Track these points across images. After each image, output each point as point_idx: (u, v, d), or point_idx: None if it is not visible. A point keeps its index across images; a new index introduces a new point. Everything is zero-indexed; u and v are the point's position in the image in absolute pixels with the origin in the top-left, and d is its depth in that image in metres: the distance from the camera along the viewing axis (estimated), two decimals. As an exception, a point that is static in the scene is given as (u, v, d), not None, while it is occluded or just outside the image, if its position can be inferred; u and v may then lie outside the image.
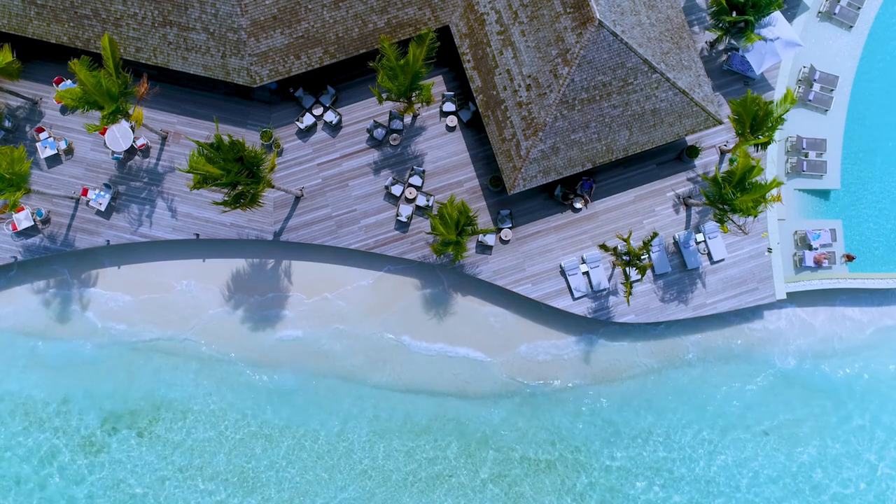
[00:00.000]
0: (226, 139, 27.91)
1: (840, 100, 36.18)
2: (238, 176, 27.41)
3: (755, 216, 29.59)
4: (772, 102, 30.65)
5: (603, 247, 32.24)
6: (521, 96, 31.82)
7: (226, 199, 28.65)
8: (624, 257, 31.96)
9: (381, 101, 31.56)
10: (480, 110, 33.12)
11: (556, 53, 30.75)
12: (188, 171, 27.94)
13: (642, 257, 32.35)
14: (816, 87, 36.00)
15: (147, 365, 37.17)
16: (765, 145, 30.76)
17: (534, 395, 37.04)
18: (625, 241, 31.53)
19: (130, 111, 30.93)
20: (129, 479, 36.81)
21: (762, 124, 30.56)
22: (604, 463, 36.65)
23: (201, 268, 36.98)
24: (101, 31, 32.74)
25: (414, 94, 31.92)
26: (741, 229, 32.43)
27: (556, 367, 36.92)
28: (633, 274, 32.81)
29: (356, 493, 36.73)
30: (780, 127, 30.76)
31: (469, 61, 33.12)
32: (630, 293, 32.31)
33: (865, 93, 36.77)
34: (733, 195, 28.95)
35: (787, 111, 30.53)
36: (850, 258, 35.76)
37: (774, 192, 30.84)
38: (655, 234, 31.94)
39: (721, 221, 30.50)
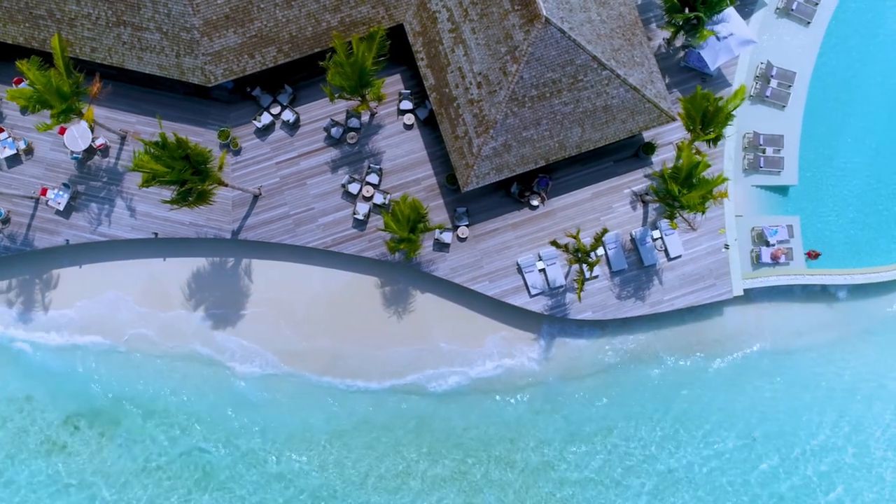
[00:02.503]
0: (171, 137, 28.02)
1: (798, 96, 36.18)
2: (182, 174, 27.52)
3: (703, 212, 29.63)
4: (722, 98, 30.69)
5: (554, 243, 32.29)
6: (472, 94, 31.91)
7: (174, 196, 28.77)
8: (576, 254, 31.98)
9: (332, 99, 31.69)
10: (434, 108, 33.22)
11: (505, 51, 30.83)
12: (133, 170, 28.07)
13: (592, 254, 32.36)
14: (774, 83, 36.02)
15: (109, 364, 37.30)
16: (714, 141, 30.75)
17: (494, 392, 37.07)
18: (574, 238, 31.56)
19: (84, 110, 31.08)
20: (92, 479, 36.92)
21: (713, 120, 30.60)
22: (564, 459, 36.67)
23: (161, 267, 37.10)
24: (57, 32, 32.88)
25: (366, 92, 32.01)
26: (690, 225, 32.44)
27: (517, 365, 36.94)
28: (585, 271, 32.81)
29: (319, 491, 36.81)
30: (730, 123, 30.81)
31: (422, 59, 33.22)
32: (582, 290, 32.36)
33: (824, 89, 36.78)
34: (680, 192, 28.97)
35: (737, 107, 30.59)
36: (813, 255, 35.72)
37: (722, 187, 30.81)
38: (605, 231, 31.96)
39: (671, 217, 30.55)
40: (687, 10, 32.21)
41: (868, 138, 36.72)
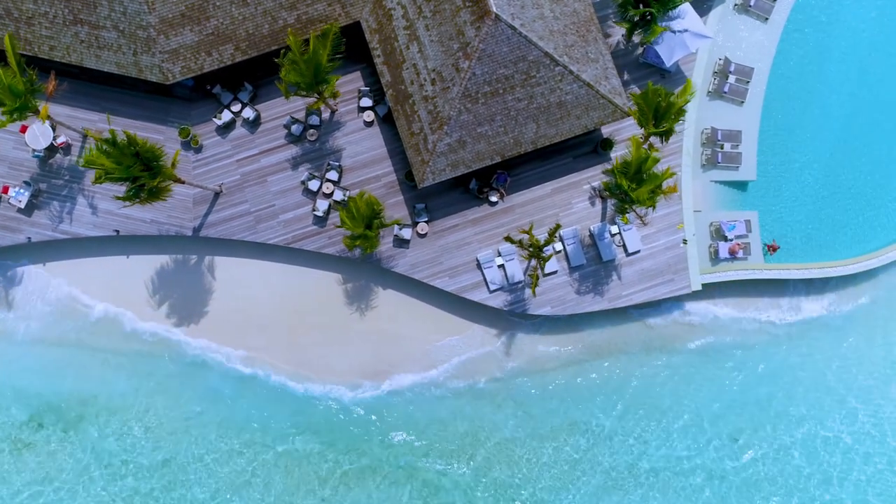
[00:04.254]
0: (121, 135, 28.20)
1: (756, 91, 36.36)
2: (131, 170, 27.70)
3: (653, 207, 29.78)
4: (672, 94, 30.86)
5: (508, 239, 32.47)
6: (426, 90, 32.08)
7: (126, 192, 28.96)
8: (530, 249, 32.15)
9: (287, 96, 31.80)
10: (391, 105, 33.40)
11: (458, 47, 31.01)
12: (84, 166, 28.27)
13: (547, 249, 32.53)
14: (732, 79, 36.19)
15: (74, 361, 37.41)
16: (666, 135, 30.91)
17: (456, 388, 37.21)
18: (527, 233, 31.73)
19: (39, 108, 31.26)
20: (56, 475, 37.09)
21: (665, 116, 30.77)
22: (525, 455, 36.84)
23: (124, 264, 37.25)
24: (15, 31, 33.10)
25: (323, 89, 32.17)
26: (642, 220, 32.57)
27: (478, 360, 37.10)
28: (538, 266, 32.97)
29: (281, 487, 36.96)
30: (681, 119, 30.98)
31: (379, 56, 33.39)
32: (537, 285, 32.53)
33: (782, 85, 36.99)
34: (629, 186, 29.14)
35: (687, 102, 30.76)
36: (773, 249, 35.90)
37: (671, 182, 30.98)
38: (559, 226, 32.12)
39: (622, 213, 30.71)
40: (641, 6, 32.40)
41: (826, 134, 36.93)
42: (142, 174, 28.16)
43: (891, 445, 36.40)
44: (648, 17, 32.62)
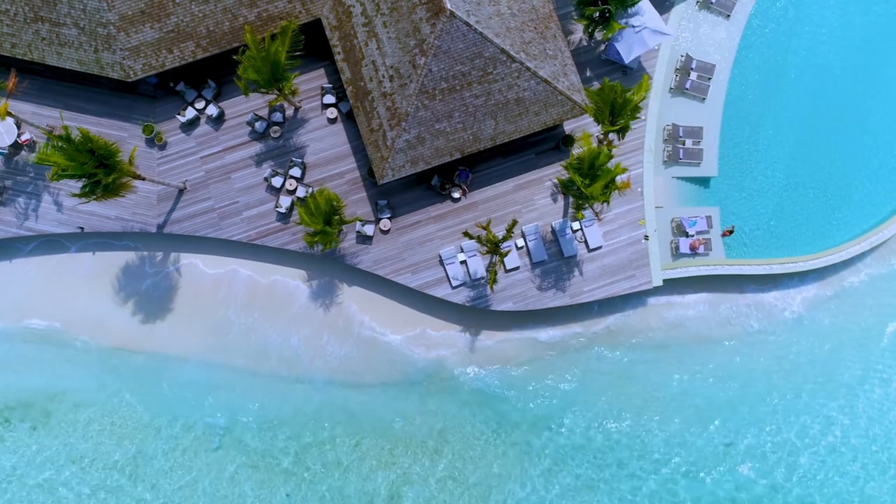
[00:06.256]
0: (76, 132, 28.34)
1: (717, 88, 36.50)
2: (84, 167, 27.85)
3: (607, 202, 29.91)
4: (630, 90, 31.03)
5: (467, 234, 32.64)
6: (385, 87, 32.23)
7: (81, 189, 29.12)
8: (488, 245, 32.31)
9: (246, 93, 31.92)
10: (351, 101, 33.54)
11: (414, 44, 31.15)
12: (38, 162, 28.42)
13: (504, 245, 32.68)
14: (693, 75, 36.33)
15: (40, 357, 37.58)
16: (622, 132, 31.08)
17: (422, 383, 37.40)
18: (485, 229, 31.89)
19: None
20: (24, 472, 37.24)
21: (621, 112, 30.93)
22: (490, 450, 37.03)
23: (90, 261, 37.42)
24: (-24, 28, 33.24)
25: (282, 86, 32.32)
26: (597, 216, 32.71)
27: (443, 356, 37.27)
28: (498, 262, 33.14)
29: (248, 484, 37.11)
30: (637, 115, 31.15)
31: (339, 53, 33.53)
32: (494, 280, 32.69)
33: (744, 81, 37.11)
34: (583, 182, 29.29)
35: (643, 99, 30.92)
36: (728, 232, 35.96)
37: (624, 177, 31.11)
38: (515, 222, 32.27)
39: (578, 209, 30.87)
40: (599, 3, 32.55)
41: (788, 130, 37.05)
42: (96, 171, 28.29)
43: (845, 442, 36.70)
44: (607, 14, 32.76)
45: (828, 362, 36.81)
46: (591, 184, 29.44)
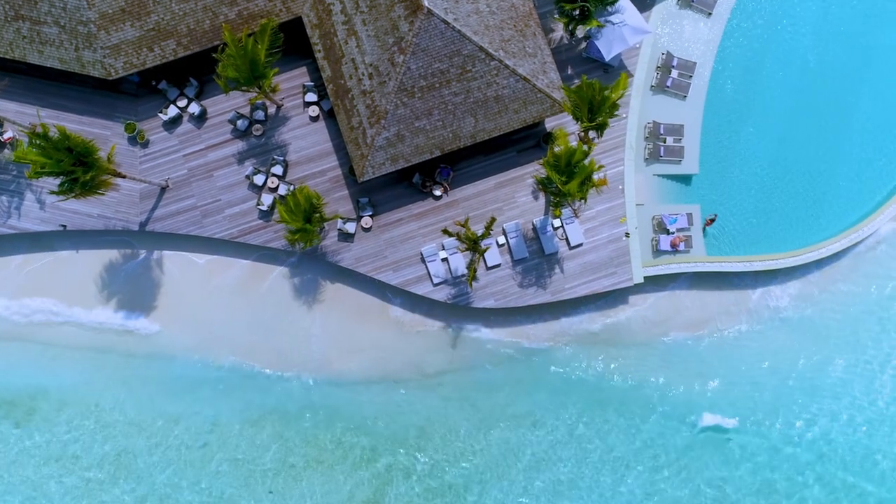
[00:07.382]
0: (54, 130, 28.44)
1: (698, 85, 36.58)
2: (62, 165, 27.94)
3: (584, 199, 29.99)
4: (608, 88, 31.07)
5: (446, 231, 32.74)
6: (364, 85, 32.32)
7: (59, 187, 29.22)
8: (467, 242, 32.41)
9: (226, 91, 31.99)
10: (331, 99, 33.62)
11: (393, 42, 31.24)
12: (16, 160, 28.52)
13: (484, 242, 32.77)
14: (675, 73, 36.40)
15: (24, 356, 37.73)
16: (600, 129, 31.13)
17: (403, 381, 37.50)
18: (464, 226, 31.99)
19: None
20: (9, 469, 37.38)
21: (599, 109, 30.97)
22: (472, 447, 37.15)
23: (74, 258, 37.52)
24: (-44, 27, 33.30)
25: (262, 83, 32.38)
26: (575, 213, 32.80)
27: (425, 353, 37.39)
28: (477, 259, 33.24)
29: (231, 479, 37.27)
30: (616, 113, 31.19)
31: (320, 51, 33.61)
32: (473, 278, 32.79)
33: (725, 79, 37.16)
34: (560, 180, 29.37)
35: (622, 97, 30.96)
36: (710, 222, 36.03)
37: (600, 174, 31.20)
38: (493, 220, 32.37)
39: (556, 206, 30.95)
40: (577, 0, 32.60)
41: (769, 127, 37.11)
42: (74, 168, 28.38)
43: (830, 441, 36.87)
44: (586, 12, 32.83)
45: (811, 358, 36.90)
46: (568, 181, 29.51)
